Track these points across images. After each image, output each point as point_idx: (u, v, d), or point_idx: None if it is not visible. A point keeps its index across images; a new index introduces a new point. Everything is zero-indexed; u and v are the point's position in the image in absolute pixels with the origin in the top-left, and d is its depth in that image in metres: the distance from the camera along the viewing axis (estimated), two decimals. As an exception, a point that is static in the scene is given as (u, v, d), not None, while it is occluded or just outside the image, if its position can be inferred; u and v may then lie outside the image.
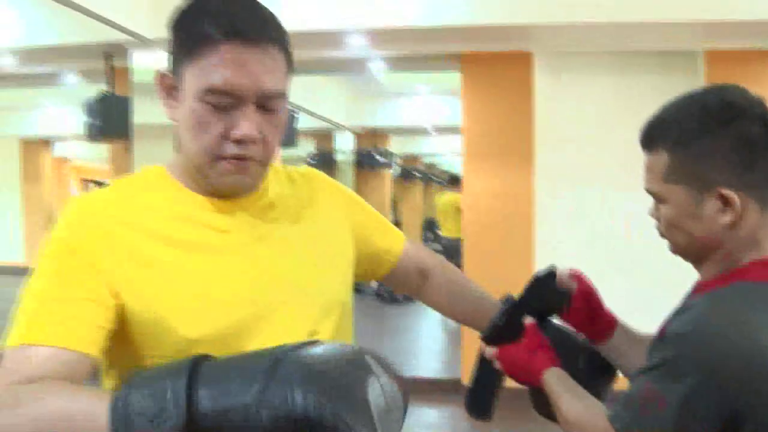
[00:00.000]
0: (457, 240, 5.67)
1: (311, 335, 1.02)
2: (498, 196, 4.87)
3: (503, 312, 1.30)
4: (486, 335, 1.32)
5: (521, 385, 1.29)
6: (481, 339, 1.33)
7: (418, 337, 6.84)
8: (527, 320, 1.29)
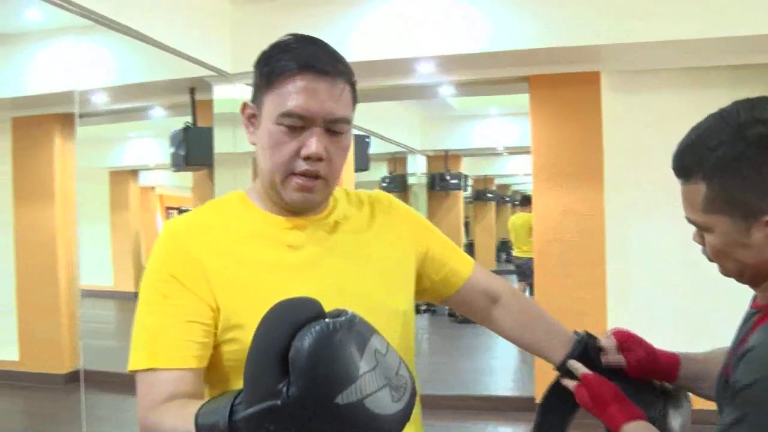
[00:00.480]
0: (530, 260, 5.67)
1: None
2: (568, 216, 4.86)
3: (578, 347, 1.30)
4: (561, 368, 1.31)
5: None
6: (557, 370, 1.33)
7: (492, 356, 6.84)
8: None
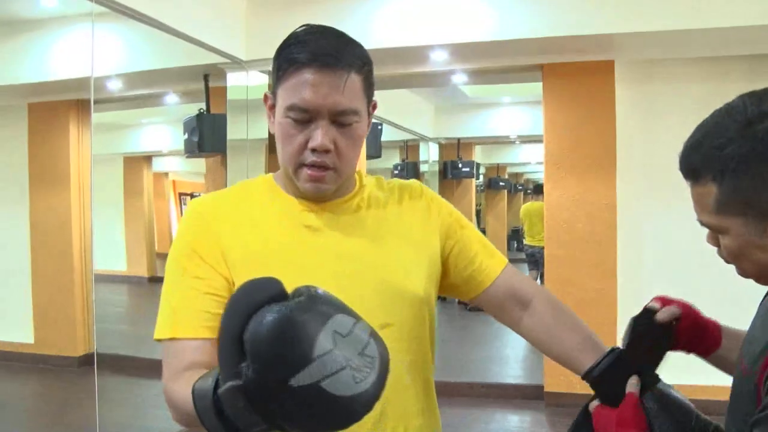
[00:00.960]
0: (542, 248, 5.66)
1: (382, 327, 1.14)
2: (580, 205, 4.86)
3: (604, 365, 1.22)
4: (589, 382, 1.24)
5: None
6: (583, 378, 1.26)
7: (502, 345, 6.85)
8: (633, 383, 1.18)
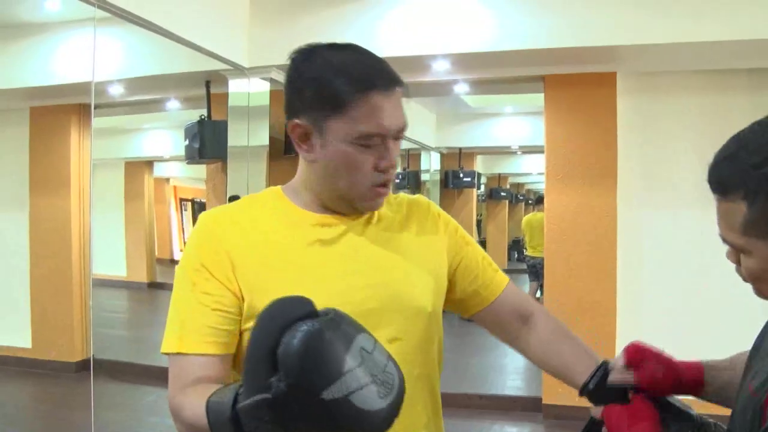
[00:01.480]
0: (543, 260, 5.64)
1: (391, 342, 1.17)
2: (581, 216, 4.85)
3: (596, 377, 1.25)
4: (587, 396, 1.26)
5: None
6: (580, 395, 1.28)
7: (500, 355, 6.82)
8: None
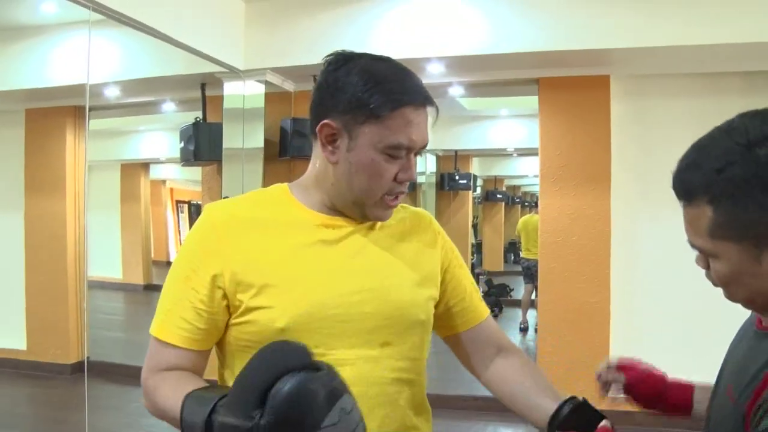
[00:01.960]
0: (537, 261, 5.65)
1: (382, 346, 1.21)
2: (575, 219, 4.86)
3: (565, 408, 1.24)
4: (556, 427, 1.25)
5: None
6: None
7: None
8: (606, 422, 1.18)
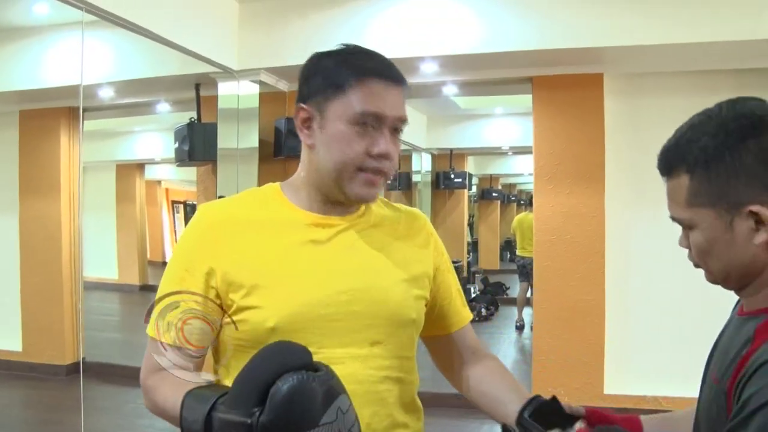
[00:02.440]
0: (533, 259, 5.66)
1: (372, 344, 1.22)
2: (569, 217, 4.88)
3: (531, 406, 1.24)
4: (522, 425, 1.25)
5: None
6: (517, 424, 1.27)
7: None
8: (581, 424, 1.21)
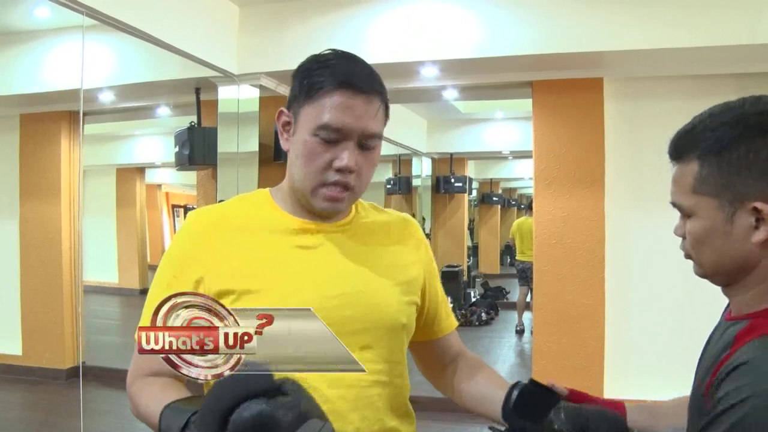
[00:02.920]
0: (532, 264, 5.66)
1: (363, 349, 1.21)
2: (569, 221, 4.87)
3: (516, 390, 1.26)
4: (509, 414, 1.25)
5: None
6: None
7: (489, 360, 6.82)
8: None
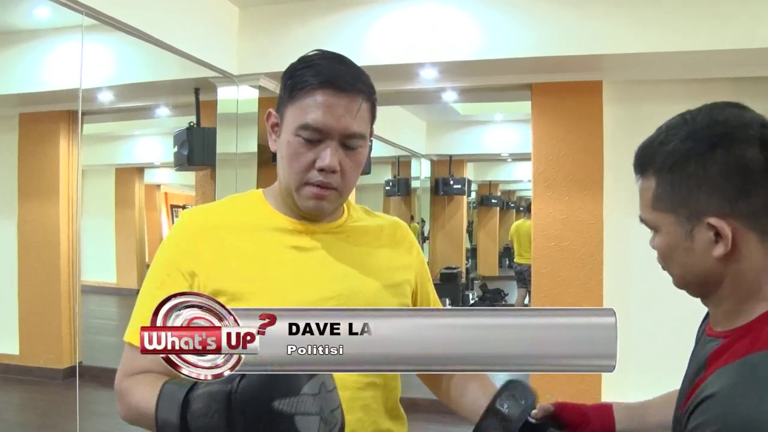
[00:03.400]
0: (530, 267, 5.65)
1: None
2: (568, 224, 4.86)
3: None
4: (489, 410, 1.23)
5: None
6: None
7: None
8: None
